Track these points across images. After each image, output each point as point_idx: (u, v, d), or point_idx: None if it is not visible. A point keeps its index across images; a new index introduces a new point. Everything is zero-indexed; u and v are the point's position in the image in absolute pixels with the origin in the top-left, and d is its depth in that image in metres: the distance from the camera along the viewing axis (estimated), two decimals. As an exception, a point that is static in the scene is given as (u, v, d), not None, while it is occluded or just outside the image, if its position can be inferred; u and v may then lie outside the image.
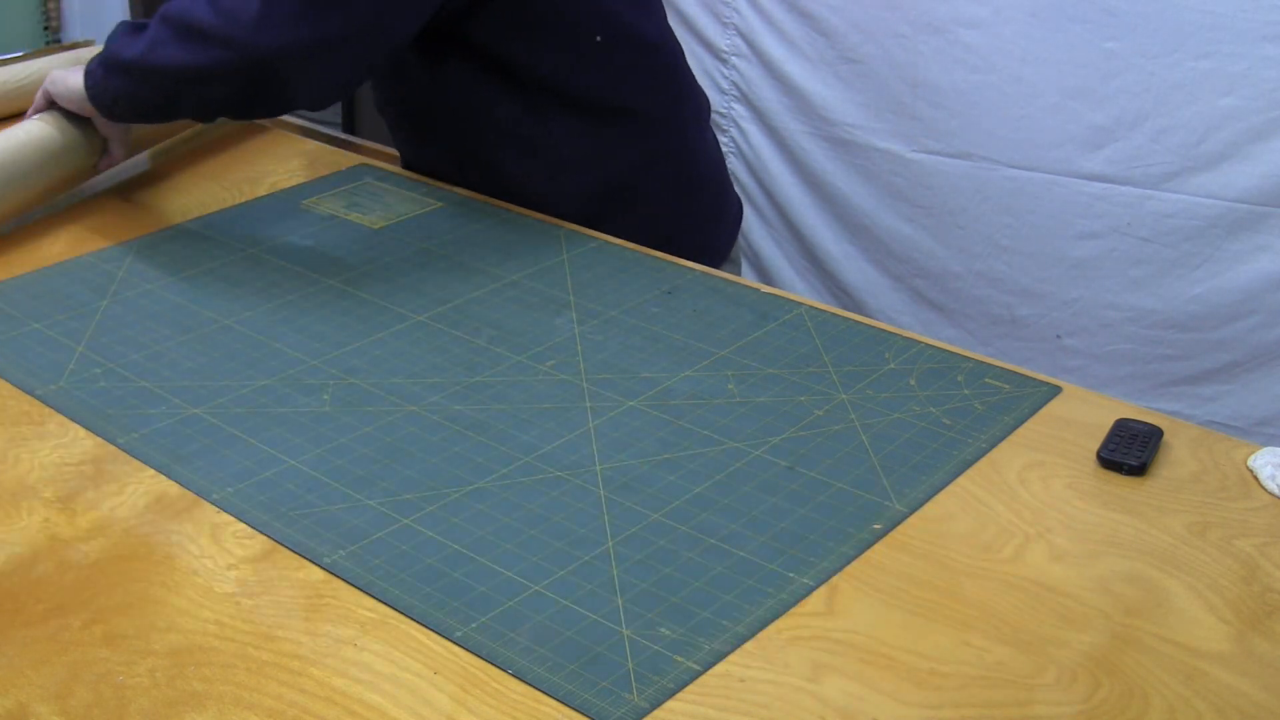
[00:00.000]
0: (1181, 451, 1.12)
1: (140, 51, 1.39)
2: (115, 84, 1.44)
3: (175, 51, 1.38)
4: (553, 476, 1.07)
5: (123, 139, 1.57)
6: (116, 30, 1.44)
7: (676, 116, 1.63)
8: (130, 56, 1.40)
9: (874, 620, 0.93)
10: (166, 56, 1.38)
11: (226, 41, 1.35)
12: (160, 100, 1.44)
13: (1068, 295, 2.11)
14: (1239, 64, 1.87)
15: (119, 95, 1.45)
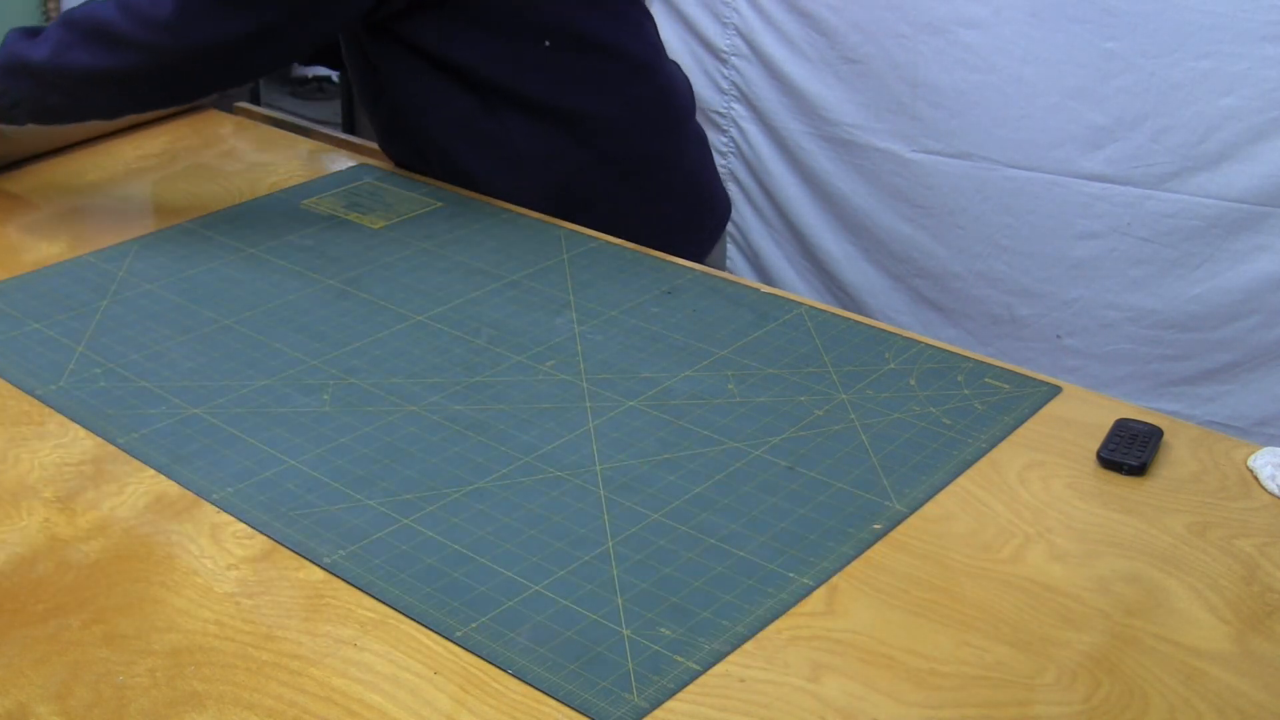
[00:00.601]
0: (1181, 451, 1.12)
1: (47, 55, 1.39)
2: (18, 88, 1.44)
3: (85, 55, 1.38)
4: (553, 476, 1.07)
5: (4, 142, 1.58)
6: (10, 36, 1.44)
7: (639, 123, 1.61)
8: (38, 60, 1.40)
9: (874, 620, 0.93)
10: (76, 60, 1.39)
11: (139, 44, 1.37)
12: (67, 103, 1.44)
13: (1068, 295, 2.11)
14: (1239, 64, 1.87)
15: (20, 99, 1.45)
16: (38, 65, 1.40)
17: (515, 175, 1.57)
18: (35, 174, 1.68)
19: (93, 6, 1.39)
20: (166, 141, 1.78)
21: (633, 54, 1.61)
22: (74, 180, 1.66)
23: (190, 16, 1.35)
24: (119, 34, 1.37)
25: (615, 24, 1.59)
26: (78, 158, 1.72)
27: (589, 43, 1.56)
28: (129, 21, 1.36)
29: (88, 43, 1.38)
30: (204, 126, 1.84)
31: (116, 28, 1.37)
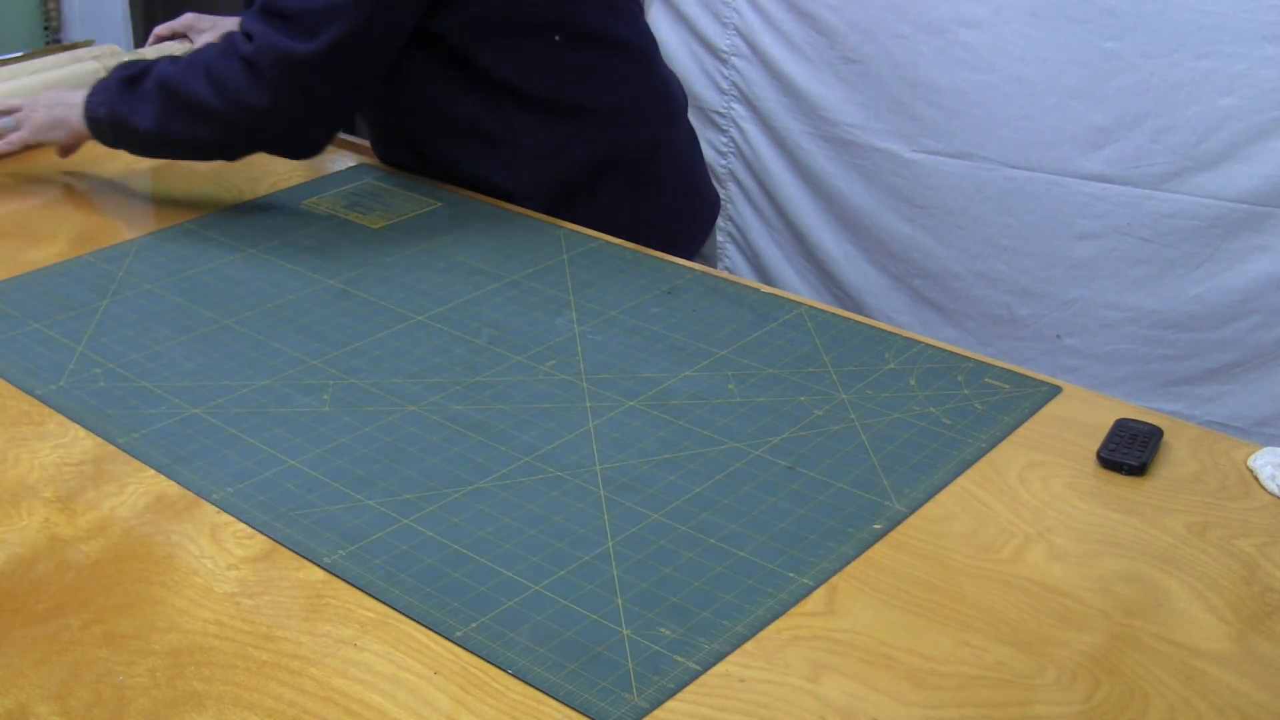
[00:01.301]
0: (1181, 451, 1.12)
1: (152, 125, 1.49)
2: (124, 144, 1.55)
3: (184, 127, 1.48)
4: (553, 476, 1.07)
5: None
6: (116, 83, 1.51)
7: (641, 115, 1.63)
8: (145, 128, 1.49)
9: (874, 620, 0.93)
10: (177, 130, 1.49)
11: (227, 122, 1.47)
12: (165, 156, 1.60)
13: (1068, 295, 2.11)
14: (1239, 64, 1.87)
15: (125, 147, 1.56)
16: (146, 131, 1.50)
17: (518, 173, 1.58)
18: (35, 174, 1.68)
19: (186, 77, 1.47)
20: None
21: (632, 46, 1.63)
22: (74, 180, 1.66)
23: (280, 105, 1.45)
24: (211, 110, 1.46)
25: (615, 17, 1.61)
26: (78, 158, 1.72)
27: (593, 37, 1.56)
28: (219, 97, 1.45)
29: (185, 115, 1.48)
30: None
31: (208, 104, 1.46)
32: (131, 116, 1.49)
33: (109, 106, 1.51)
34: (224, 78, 1.44)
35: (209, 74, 1.45)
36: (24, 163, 1.70)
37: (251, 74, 1.43)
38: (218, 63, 1.45)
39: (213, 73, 1.45)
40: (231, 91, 1.44)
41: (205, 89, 1.45)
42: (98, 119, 1.52)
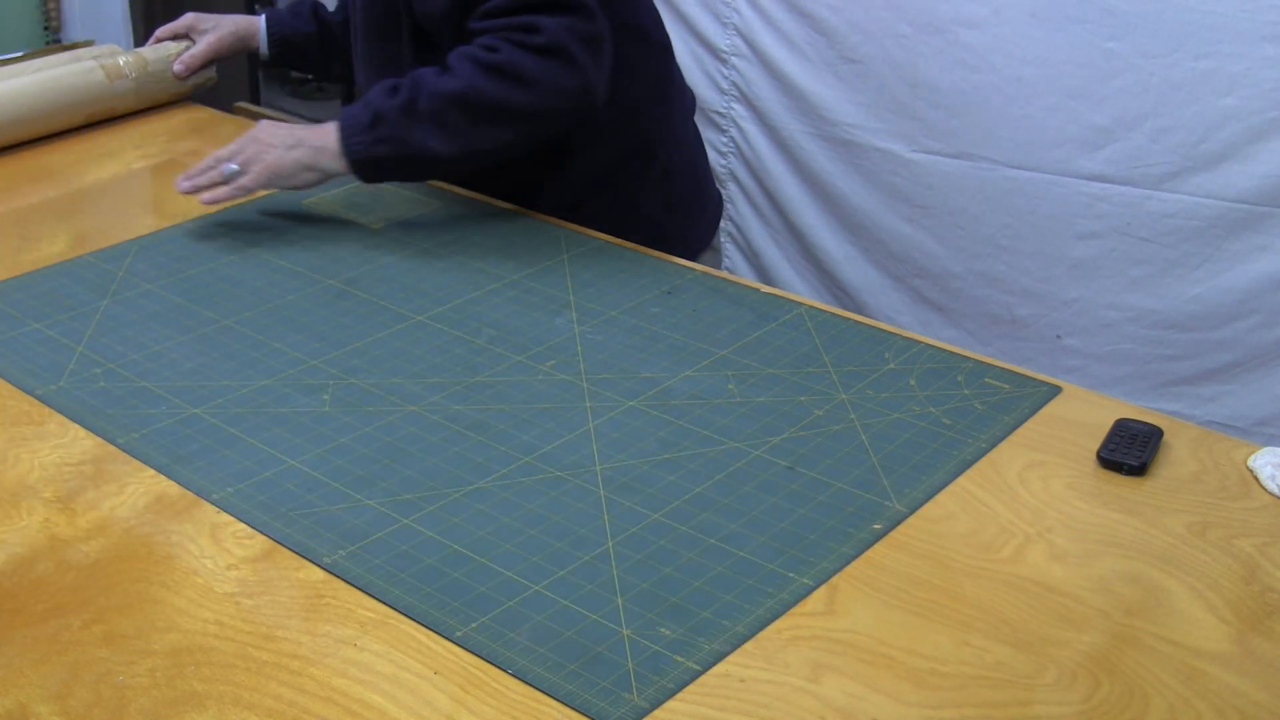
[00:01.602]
0: (1181, 451, 1.12)
1: (453, 146, 1.46)
2: (409, 174, 1.54)
3: (490, 135, 1.47)
4: (553, 476, 1.07)
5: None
6: (393, 115, 1.46)
7: (664, 108, 1.66)
8: (447, 152, 1.47)
9: (874, 620, 0.93)
10: (482, 141, 1.48)
11: (542, 113, 1.47)
12: (458, 171, 1.59)
13: (1068, 295, 2.11)
14: (1239, 64, 1.87)
15: (407, 178, 1.56)
16: (445, 156, 1.48)
17: (547, 167, 1.59)
18: (35, 174, 1.68)
19: (479, 85, 1.45)
20: (166, 142, 1.78)
21: (656, 39, 1.65)
22: (74, 180, 1.66)
23: (593, 80, 1.46)
24: (525, 109, 1.46)
25: (644, 10, 1.64)
26: (78, 158, 1.72)
27: (626, 28, 1.58)
28: (534, 94, 1.45)
29: (491, 123, 1.47)
30: (204, 127, 1.84)
31: (523, 105, 1.45)
32: (426, 144, 1.46)
33: (393, 143, 1.46)
34: (529, 72, 1.44)
35: (506, 74, 1.45)
36: (24, 162, 1.71)
37: (559, 60, 1.45)
38: (511, 62, 1.45)
39: (511, 71, 1.45)
40: (544, 83, 1.45)
41: (510, 90, 1.45)
42: (377, 158, 1.47)
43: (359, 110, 1.48)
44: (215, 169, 1.49)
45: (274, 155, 1.48)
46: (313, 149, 1.48)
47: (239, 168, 1.48)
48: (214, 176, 1.49)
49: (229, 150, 1.50)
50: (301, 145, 1.48)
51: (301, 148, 1.48)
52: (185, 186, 1.49)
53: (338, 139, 1.47)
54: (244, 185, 1.48)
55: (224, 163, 1.49)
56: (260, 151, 1.48)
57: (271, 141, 1.49)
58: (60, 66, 1.78)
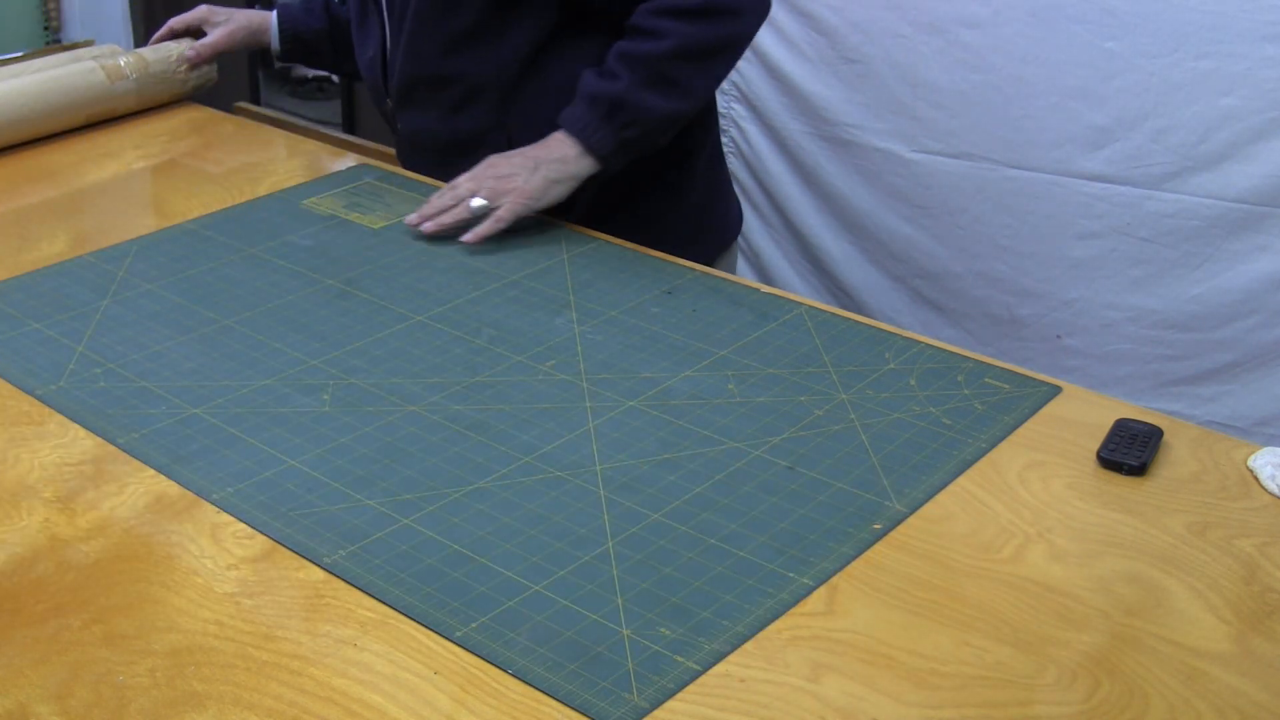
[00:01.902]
0: (1181, 451, 1.12)
1: (696, 96, 1.51)
2: (633, 154, 1.52)
3: (721, 66, 1.53)
4: (553, 476, 1.07)
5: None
6: (626, 94, 1.47)
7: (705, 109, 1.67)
8: (689, 107, 1.51)
9: (874, 620, 0.93)
10: (717, 75, 1.53)
11: (737, 37, 1.52)
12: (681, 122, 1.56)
13: (1068, 295, 2.11)
14: (1239, 64, 1.87)
15: (633, 156, 1.52)
16: (688, 109, 1.52)
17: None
18: (35, 174, 1.68)
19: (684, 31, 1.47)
20: (166, 141, 1.78)
21: None
22: (74, 180, 1.66)
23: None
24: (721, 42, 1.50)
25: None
26: (78, 158, 1.72)
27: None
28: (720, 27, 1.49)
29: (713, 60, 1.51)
30: (204, 126, 1.85)
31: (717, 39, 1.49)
32: (666, 108, 1.48)
33: (638, 123, 1.48)
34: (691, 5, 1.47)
35: (712, 12, 1.46)
36: (24, 162, 1.71)
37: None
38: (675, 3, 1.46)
39: (717, 6, 1.46)
40: (726, 4, 1.47)
41: (722, 25, 1.48)
42: (626, 142, 1.49)
43: (584, 109, 1.48)
44: (458, 206, 1.47)
45: (519, 182, 1.47)
46: (555, 162, 1.48)
47: (487, 202, 1.46)
48: (460, 214, 1.46)
49: (465, 186, 1.48)
50: (542, 164, 1.48)
51: (543, 166, 1.47)
52: (429, 227, 1.46)
53: (577, 143, 1.48)
54: (501, 217, 1.46)
55: (464, 199, 1.47)
56: (503, 183, 1.47)
57: (509, 171, 1.48)
58: (60, 67, 1.78)
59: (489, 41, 1.55)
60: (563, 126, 1.50)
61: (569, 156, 1.48)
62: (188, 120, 1.87)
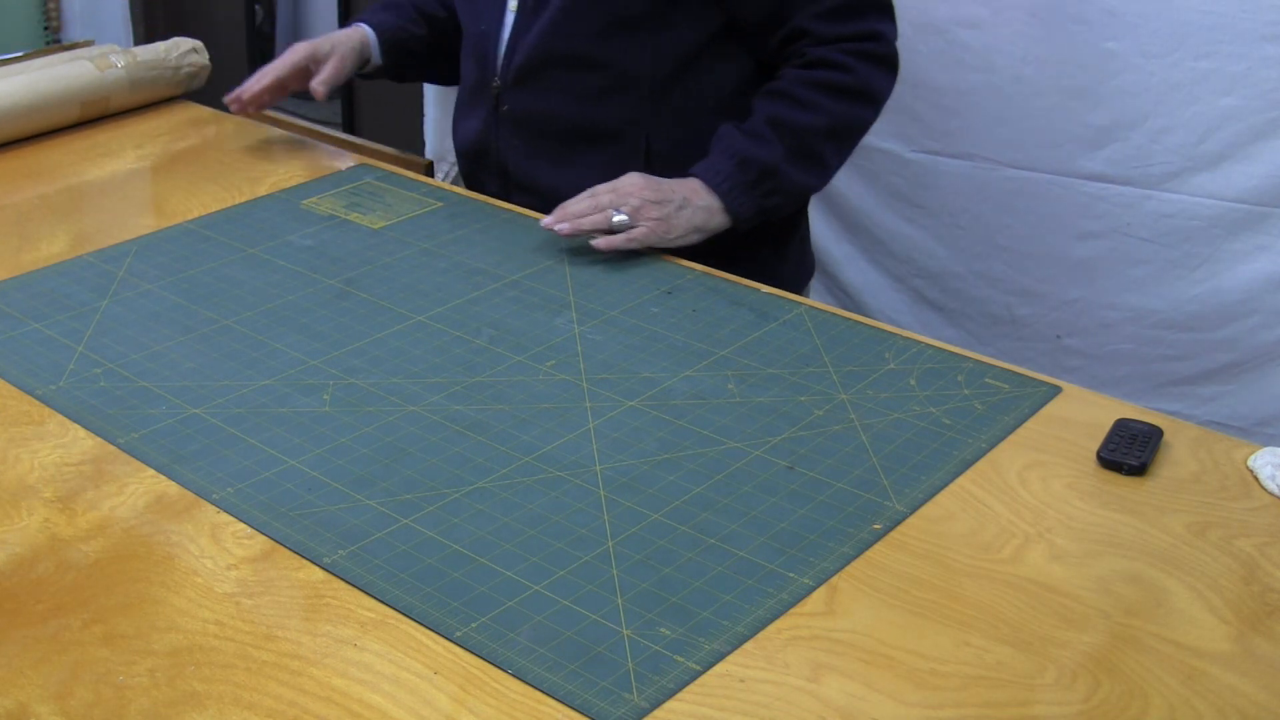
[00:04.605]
0: (1181, 451, 1.12)
1: (830, 176, 1.53)
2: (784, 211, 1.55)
3: (849, 149, 1.54)
4: (553, 476, 1.07)
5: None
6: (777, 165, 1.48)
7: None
8: (821, 185, 1.54)
9: (874, 620, 0.93)
10: (845, 158, 1.54)
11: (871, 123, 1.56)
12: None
13: (1068, 295, 2.11)
14: (1239, 64, 1.87)
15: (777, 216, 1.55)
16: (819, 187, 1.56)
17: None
18: (35, 174, 1.68)
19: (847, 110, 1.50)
20: (166, 141, 1.78)
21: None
22: (74, 180, 1.66)
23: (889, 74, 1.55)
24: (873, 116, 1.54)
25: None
26: (78, 157, 1.72)
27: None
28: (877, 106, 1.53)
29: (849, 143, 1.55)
30: (204, 126, 1.85)
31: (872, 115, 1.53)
32: (807, 183, 1.51)
33: (781, 193, 1.50)
34: (879, 90, 1.51)
35: (863, 96, 1.50)
36: (24, 162, 1.71)
37: (891, 70, 1.52)
38: (866, 84, 1.49)
39: (867, 93, 1.49)
40: (884, 95, 1.52)
41: (865, 111, 1.51)
42: (766, 209, 1.50)
43: (731, 168, 1.46)
44: (599, 214, 1.43)
45: (664, 212, 1.44)
46: (701, 210, 1.46)
47: (628, 219, 1.43)
48: (599, 222, 1.43)
49: (608, 197, 1.44)
50: (689, 205, 1.46)
51: (689, 208, 1.46)
52: (566, 229, 1.43)
53: (719, 199, 1.47)
54: (635, 238, 1.43)
55: (606, 209, 1.43)
56: (647, 206, 1.44)
57: (657, 198, 1.45)
58: (60, 65, 1.79)
59: (650, 31, 1.52)
60: (703, 179, 1.47)
61: (712, 208, 1.47)
62: (188, 120, 1.87)
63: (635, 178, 1.47)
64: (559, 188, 1.54)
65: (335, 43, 1.73)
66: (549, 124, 1.59)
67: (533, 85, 1.58)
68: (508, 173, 1.64)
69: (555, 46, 1.54)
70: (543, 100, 1.58)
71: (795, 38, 1.51)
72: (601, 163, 1.55)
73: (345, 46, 1.73)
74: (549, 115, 1.58)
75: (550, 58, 1.55)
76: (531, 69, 1.57)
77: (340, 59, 1.72)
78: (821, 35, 1.49)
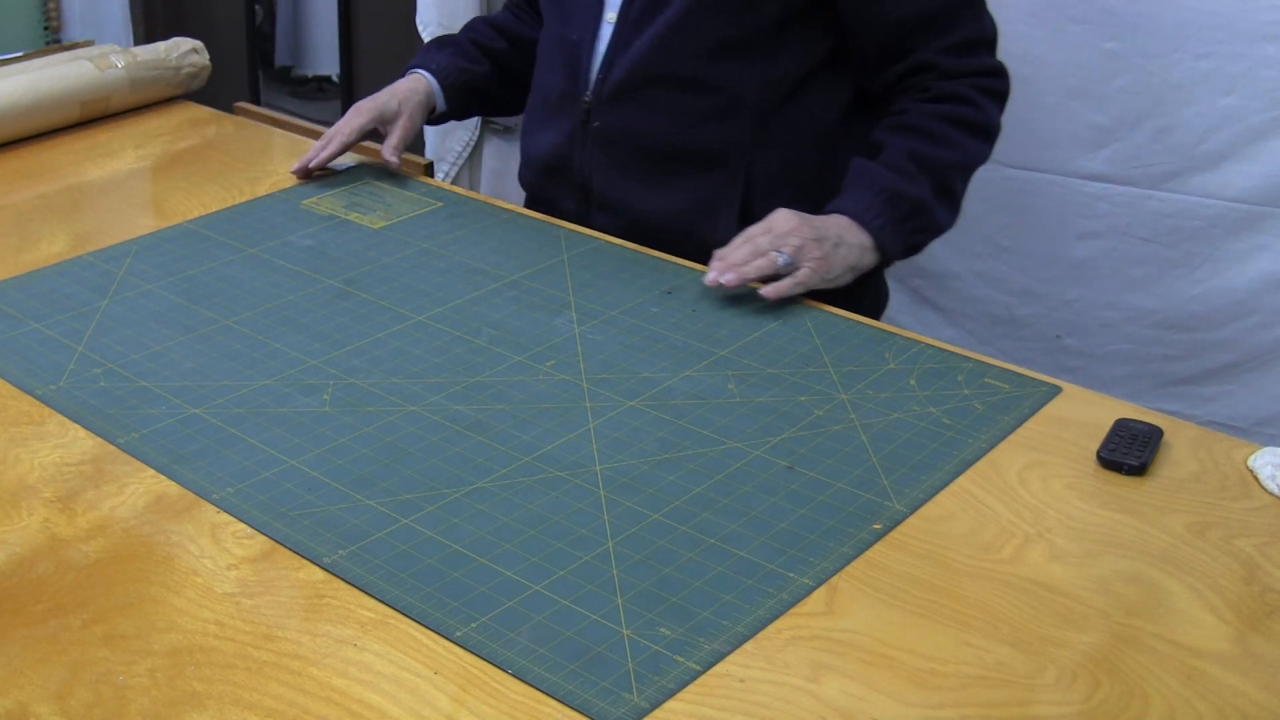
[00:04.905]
0: (1181, 451, 1.12)
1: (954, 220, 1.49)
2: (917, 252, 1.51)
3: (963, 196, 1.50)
4: (553, 476, 1.07)
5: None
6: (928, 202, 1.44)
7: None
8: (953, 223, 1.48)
9: (874, 620, 0.93)
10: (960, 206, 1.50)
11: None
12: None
13: (1068, 295, 2.11)
14: (1239, 64, 1.87)
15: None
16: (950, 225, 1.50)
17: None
18: (35, 174, 1.68)
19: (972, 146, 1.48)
20: (166, 142, 1.78)
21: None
22: (74, 180, 1.66)
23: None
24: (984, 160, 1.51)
25: None
26: (78, 157, 1.72)
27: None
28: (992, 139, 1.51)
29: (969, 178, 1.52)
30: (204, 126, 1.85)
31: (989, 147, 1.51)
32: (946, 220, 1.47)
33: (929, 230, 1.46)
34: (997, 125, 1.49)
35: (987, 133, 1.48)
36: (24, 162, 1.71)
37: (1002, 103, 1.49)
38: (989, 120, 1.48)
39: (990, 130, 1.48)
40: (1000, 127, 1.50)
41: (987, 146, 1.49)
42: (912, 247, 1.46)
43: (880, 204, 1.40)
44: (763, 259, 1.34)
45: (824, 251, 1.36)
46: (855, 248, 1.39)
47: (792, 260, 1.35)
48: (764, 267, 1.34)
49: (766, 239, 1.36)
50: (843, 243, 1.38)
51: (844, 246, 1.38)
52: (732, 279, 1.33)
53: (870, 237, 1.40)
54: (800, 281, 1.34)
55: (767, 252, 1.35)
56: (808, 246, 1.36)
57: (815, 236, 1.37)
58: (59, 65, 1.79)
59: (761, 54, 1.46)
60: (852, 216, 1.40)
61: (865, 246, 1.40)
62: (188, 120, 1.87)
63: (788, 215, 1.39)
64: (649, 212, 1.50)
65: (401, 99, 1.65)
66: (644, 144, 1.52)
67: (630, 103, 1.50)
68: (590, 191, 1.56)
69: (660, 64, 1.48)
70: (640, 119, 1.51)
71: (919, 70, 1.46)
72: (698, 188, 1.50)
73: (412, 103, 1.66)
74: (645, 135, 1.51)
75: (653, 76, 1.48)
76: (631, 86, 1.50)
77: (409, 118, 1.65)
78: (947, 69, 1.45)
